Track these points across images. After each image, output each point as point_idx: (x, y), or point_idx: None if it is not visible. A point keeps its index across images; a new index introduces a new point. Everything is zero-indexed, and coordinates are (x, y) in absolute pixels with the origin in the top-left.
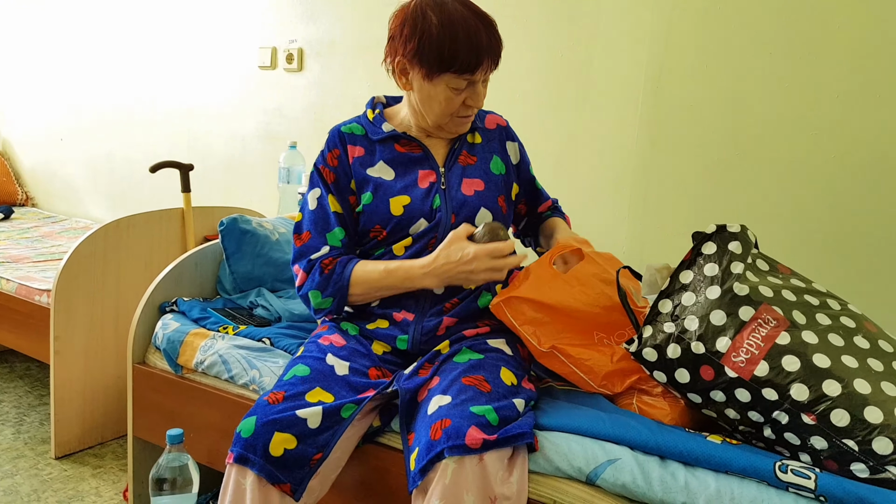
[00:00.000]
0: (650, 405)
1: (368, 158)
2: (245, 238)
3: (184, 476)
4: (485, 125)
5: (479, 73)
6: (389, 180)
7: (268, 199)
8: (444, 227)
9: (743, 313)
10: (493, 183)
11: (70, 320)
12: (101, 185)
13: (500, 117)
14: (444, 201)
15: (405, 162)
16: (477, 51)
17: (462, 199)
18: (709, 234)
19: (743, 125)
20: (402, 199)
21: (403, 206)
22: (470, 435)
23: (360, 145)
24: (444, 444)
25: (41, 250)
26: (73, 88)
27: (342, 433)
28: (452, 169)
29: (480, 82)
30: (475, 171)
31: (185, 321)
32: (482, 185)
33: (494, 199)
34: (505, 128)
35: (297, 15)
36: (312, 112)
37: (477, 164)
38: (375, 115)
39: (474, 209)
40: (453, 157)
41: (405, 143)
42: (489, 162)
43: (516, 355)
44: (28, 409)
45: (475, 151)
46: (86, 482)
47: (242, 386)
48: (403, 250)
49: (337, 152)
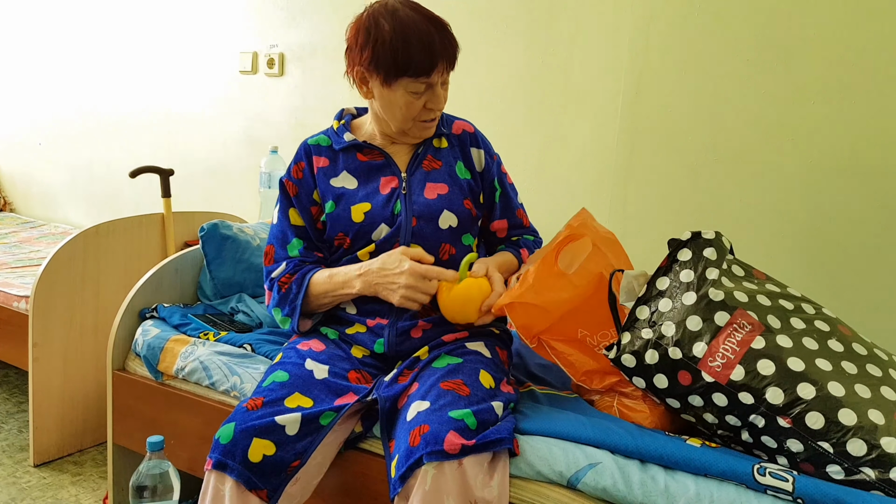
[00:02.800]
0: (630, 408)
1: (332, 168)
2: (226, 244)
3: (164, 483)
4: (451, 130)
5: (435, 75)
6: (352, 189)
7: (249, 204)
8: (405, 231)
9: (718, 318)
10: (459, 186)
11: (48, 327)
12: (80, 190)
13: (469, 123)
14: (405, 206)
15: (367, 170)
16: (430, 53)
17: (424, 202)
18: (684, 240)
19: (721, 131)
20: (364, 206)
21: (364, 213)
22: (448, 440)
23: (324, 156)
24: (423, 451)
25: (19, 256)
26: (51, 93)
27: (320, 441)
28: (415, 174)
29: (439, 84)
30: (439, 176)
31: (166, 327)
32: (446, 188)
33: (460, 201)
34: (472, 134)
35: (279, 20)
36: (294, 117)
37: (441, 168)
38: (340, 125)
39: (436, 212)
40: (416, 161)
41: (367, 151)
42: (454, 166)
43: (495, 357)
44: (6, 416)
45: (440, 156)
46: (65, 490)
47: (223, 392)
48: (368, 256)
49: (302, 165)
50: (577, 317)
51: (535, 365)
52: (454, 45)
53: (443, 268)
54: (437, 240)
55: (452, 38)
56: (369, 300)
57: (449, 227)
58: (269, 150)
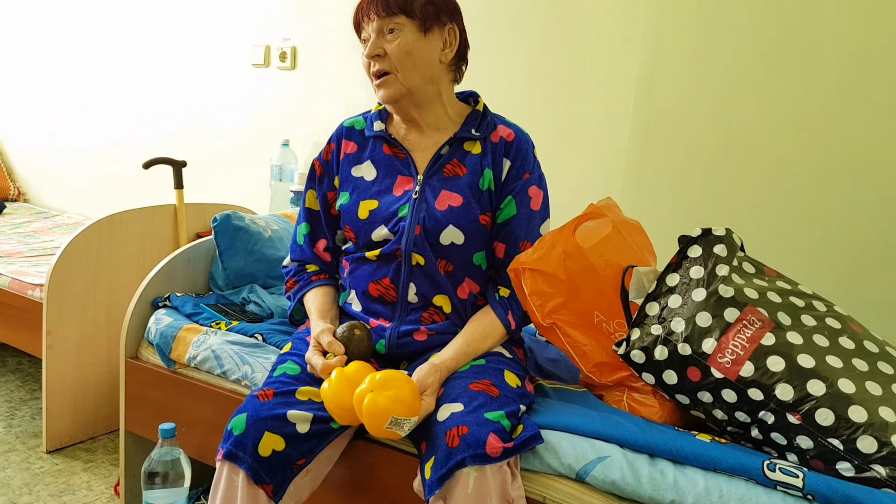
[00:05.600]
0: (640, 402)
1: (358, 155)
2: (238, 235)
3: (176, 470)
4: (488, 135)
5: (366, 24)
6: (369, 181)
7: (260, 196)
8: (407, 239)
9: (728, 315)
10: (477, 199)
11: (62, 315)
12: (93, 181)
13: (513, 130)
14: (411, 211)
15: (389, 165)
16: (361, 2)
17: (432, 212)
18: (694, 237)
19: (733, 127)
20: (371, 203)
21: (370, 211)
22: (490, 444)
23: (354, 140)
24: (465, 453)
25: (34, 245)
26: (66, 84)
27: (328, 443)
28: (432, 178)
29: (374, 34)
30: (458, 185)
31: (178, 316)
32: (460, 200)
33: (473, 217)
34: (509, 143)
35: (291, 13)
36: (305, 110)
37: (464, 176)
38: (379, 109)
39: (441, 226)
40: (436, 164)
41: (393, 145)
42: (479, 176)
43: (515, 357)
44: (20, 403)
45: (467, 162)
46: (77, 476)
47: (235, 381)
48: (375, 258)
49: (332, 147)
50: (593, 298)
51: (544, 359)
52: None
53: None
54: (435, 254)
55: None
56: (375, 300)
57: (451, 244)
58: (281, 143)
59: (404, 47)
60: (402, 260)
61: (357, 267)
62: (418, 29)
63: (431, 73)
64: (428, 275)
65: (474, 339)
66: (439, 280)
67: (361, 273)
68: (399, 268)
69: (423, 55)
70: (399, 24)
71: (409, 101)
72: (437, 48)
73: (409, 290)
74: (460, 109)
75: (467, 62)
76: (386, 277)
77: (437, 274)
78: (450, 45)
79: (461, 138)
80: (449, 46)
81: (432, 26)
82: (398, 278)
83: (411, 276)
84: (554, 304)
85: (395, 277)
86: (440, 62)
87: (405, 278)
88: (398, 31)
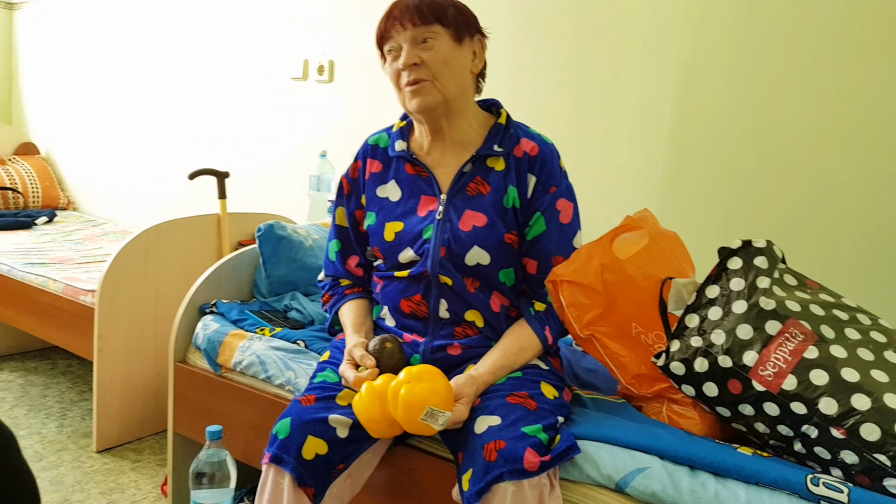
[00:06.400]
0: (680, 415)
1: (383, 174)
2: (281, 244)
3: (222, 471)
4: (513, 151)
5: (397, 32)
6: (394, 201)
7: (298, 205)
8: (433, 261)
9: (769, 327)
10: (503, 217)
11: (112, 320)
12: (137, 189)
13: (537, 143)
14: (436, 233)
15: (413, 185)
16: (389, 14)
17: (456, 233)
18: (734, 249)
19: (772, 137)
20: (397, 225)
21: (395, 233)
22: (527, 459)
23: (379, 159)
24: (503, 468)
25: (84, 252)
26: (112, 97)
27: (367, 448)
28: (455, 198)
29: (410, 44)
30: (482, 203)
31: (225, 322)
32: (484, 220)
33: (499, 235)
34: (533, 157)
35: (329, 28)
36: (342, 122)
37: (489, 195)
38: (400, 128)
39: (466, 247)
40: (460, 183)
41: (416, 164)
42: (503, 193)
43: (552, 368)
44: (70, 404)
45: (491, 179)
46: (125, 475)
47: (278, 386)
48: (405, 276)
49: (358, 164)
50: (631, 310)
51: (582, 369)
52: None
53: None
54: (461, 274)
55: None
56: (407, 316)
57: (477, 265)
58: (319, 154)
59: (442, 55)
60: (431, 279)
61: (388, 284)
62: (452, 38)
63: (463, 84)
64: (457, 292)
65: (511, 352)
66: (468, 297)
67: (392, 290)
68: (429, 286)
69: (459, 64)
70: (434, 32)
71: (443, 110)
72: (469, 58)
73: (441, 306)
74: (483, 120)
75: (485, 75)
76: (417, 294)
77: (465, 292)
78: (479, 56)
79: (484, 155)
80: (478, 57)
81: (464, 36)
82: (428, 295)
83: (441, 293)
84: (591, 316)
85: (426, 294)
86: (471, 72)
87: (435, 296)
88: (433, 40)
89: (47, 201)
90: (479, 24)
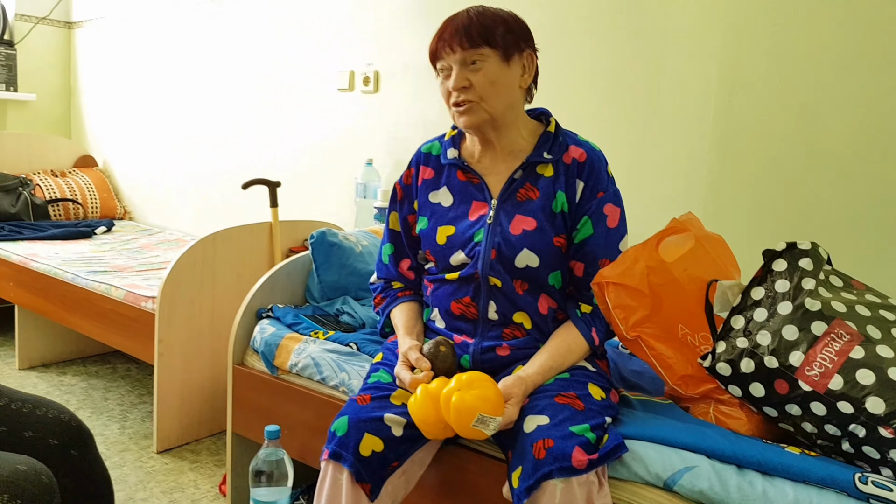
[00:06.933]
0: (727, 415)
1: (435, 181)
2: (332, 250)
3: (280, 469)
4: (560, 157)
5: (447, 55)
6: (446, 206)
7: (346, 213)
8: (483, 262)
9: (815, 328)
10: (551, 222)
11: (172, 324)
12: (189, 199)
13: (585, 150)
14: (486, 236)
15: (464, 191)
16: (440, 36)
17: (507, 236)
18: (779, 251)
19: (817, 138)
20: (448, 228)
21: (447, 236)
22: (575, 457)
23: (431, 166)
24: (552, 465)
25: (142, 260)
26: (164, 111)
27: (420, 446)
28: (506, 203)
29: (459, 66)
30: (531, 208)
31: (280, 326)
32: (534, 223)
33: (548, 239)
34: (581, 164)
35: (374, 40)
36: (387, 130)
37: (538, 200)
38: (451, 136)
39: (516, 250)
40: (510, 189)
41: (467, 171)
42: (552, 199)
43: (599, 370)
44: (130, 406)
45: (540, 185)
46: (185, 475)
47: (333, 387)
48: (456, 279)
49: (412, 171)
50: (677, 311)
51: (628, 371)
52: (477, 24)
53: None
54: (511, 276)
55: (479, 19)
56: (457, 318)
57: (526, 267)
58: (365, 162)
59: (489, 77)
60: (481, 281)
61: (439, 287)
62: (501, 58)
63: (511, 100)
64: (506, 294)
65: (559, 353)
66: (517, 299)
67: (443, 292)
68: (478, 288)
69: (506, 83)
70: (483, 55)
71: (490, 125)
72: (518, 75)
73: (490, 308)
74: (533, 129)
75: (538, 83)
76: (466, 296)
77: (514, 293)
78: (528, 71)
79: (533, 162)
80: (527, 72)
81: (513, 54)
82: (478, 297)
83: (490, 295)
84: (638, 318)
85: (475, 297)
86: (519, 87)
87: (485, 298)
88: (481, 62)
89: (105, 211)
90: (530, 37)
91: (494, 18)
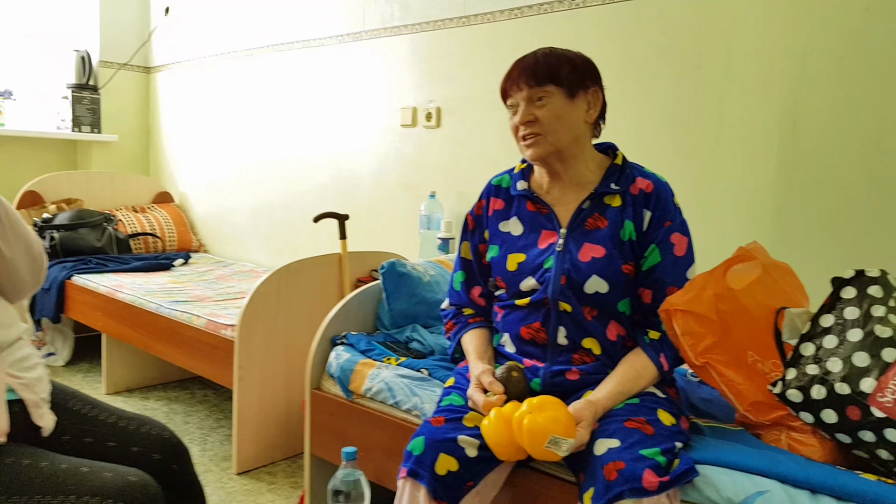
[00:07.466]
0: (800, 442)
1: (505, 211)
2: (402, 280)
3: (357, 490)
4: (628, 188)
5: (515, 92)
6: (517, 235)
7: (410, 244)
8: (553, 289)
9: (886, 355)
10: (619, 250)
11: (250, 351)
12: (261, 231)
13: (652, 181)
14: (556, 263)
15: (534, 221)
16: (508, 76)
17: (576, 263)
18: (847, 278)
19: (884, 166)
20: (519, 256)
21: (518, 263)
22: (646, 479)
23: (501, 198)
24: (623, 486)
25: (219, 290)
26: (236, 149)
27: (493, 468)
28: (575, 231)
29: (524, 101)
30: (600, 237)
31: (354, 352)
32: (602, 251)
33: (616, 266)
34: (648, 194)
35: (436, 77)
36: (449, 164)
37: (606, 228)
38: (522, 168)
39: (585, 276)
40: (579, 218)
41: (536, 202)
42: (620, 227)
43: (668, 397)
44: (209, 430)
45: (608, 214)
46: (263, 496)
47: (406, 411)
48: (525, 305)
49: (483, 203)
50: (746, 338)
51: (698, 399)
52: (543, 63)
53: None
54: (580, 302)
55: (545, 59)
56: (527, 342)
57: (595, 293)
58: (428, 194)
59: (554, 112)
60: (550, 306)
61: (509, 312)
62: (565, 95)
63: (577, 134)
64: (575, 320)
65: (628, 378)
66: (586, 325)
67: (513, 318)
68: (548, 313)
69: (571, 118)
70: (548, 92)
71: (556, 158)
72: (583, 110)
73: (559, 333)
74: (600, 162)
75: (605, 118)
76: (536, 321)
77: (583, 319)
78: (593, 107)
79: (601, 193)
80: (593, 107)
81: (577, 91)
82: (548, 323)
83: (560, 321)
84: (706, 344)
85: (545, 322)
86: (585, 122)
87: (554, 323)
88: (547, 99)
89: (182, 244)
90: (597, 75)
91: (560, 58)
